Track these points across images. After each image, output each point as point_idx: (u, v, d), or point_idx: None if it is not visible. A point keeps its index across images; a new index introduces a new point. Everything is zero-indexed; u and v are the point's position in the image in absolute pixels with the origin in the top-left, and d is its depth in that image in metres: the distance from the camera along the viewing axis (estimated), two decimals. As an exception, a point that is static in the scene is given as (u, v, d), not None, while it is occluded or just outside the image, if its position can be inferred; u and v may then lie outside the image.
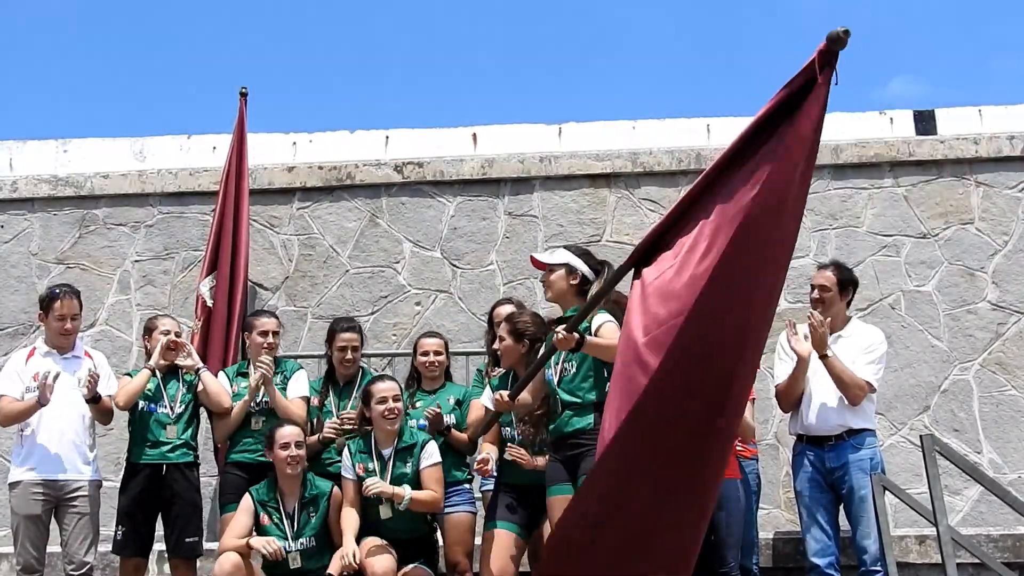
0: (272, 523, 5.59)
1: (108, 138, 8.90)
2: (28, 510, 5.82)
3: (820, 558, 5.67)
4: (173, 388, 6.07)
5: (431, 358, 6.09)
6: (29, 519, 5.82)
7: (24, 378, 5.96)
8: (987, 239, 8.24)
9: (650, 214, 8.41)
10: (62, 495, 5.87)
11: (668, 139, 8.66)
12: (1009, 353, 8.08)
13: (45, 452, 5.85)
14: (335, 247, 8.46)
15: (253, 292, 8.37)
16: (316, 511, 5.63)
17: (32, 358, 6.04)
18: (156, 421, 5.98)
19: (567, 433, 5.02)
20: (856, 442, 5.68)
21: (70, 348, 6.10)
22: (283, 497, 5.64)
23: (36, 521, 5.83)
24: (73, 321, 6.07)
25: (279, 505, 5.62)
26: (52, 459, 5.85)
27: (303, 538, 5.58)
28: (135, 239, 8.55)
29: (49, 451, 5.85)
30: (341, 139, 8.83)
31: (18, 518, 5.84)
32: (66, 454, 5.88)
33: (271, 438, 5.67)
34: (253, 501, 5.64)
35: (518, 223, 8.48)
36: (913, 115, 8.66)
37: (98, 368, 6.05)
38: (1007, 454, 7.95)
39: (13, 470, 5.94)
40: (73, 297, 6.09)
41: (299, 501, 5.64)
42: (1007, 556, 6.40)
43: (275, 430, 5.69)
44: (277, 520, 5.58)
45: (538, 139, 8.70)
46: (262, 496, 5.65)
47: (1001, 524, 7.22)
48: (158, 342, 6.09)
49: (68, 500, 5.88)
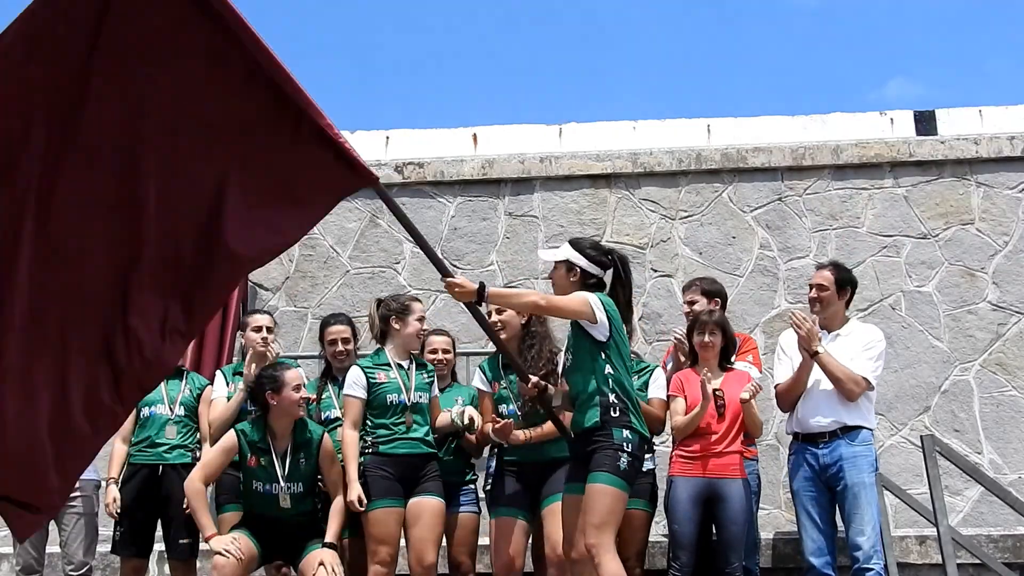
0: (260, 465, 5.48)
1: (108, 138, 8.90)
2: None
3: (816, 558, 5.66)
4: (175, 389, 6.03)
5: (439, 356, 6.04)
6: None
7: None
8: (987, 239, 8.24)
9: (650, 214, 8.42)
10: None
11: (668, 139, 8.66)
12: (1009, 353, 8.08)
13: None
14: (335, 247, 8.46)
15: (253, 292, 8.37)
16: (307, 458, 5.54)
17: None
18: (155, 421, 5.97)
19: (580, 432, 4.94)
20: (850, 439, 5.67)
21: None
22: (274, 440, 5.53)
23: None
24: None
25: (269, 447, 5.51)
26: None
27: (292, 482, 5.50)
28: (135, 239, 8.54)
29: None
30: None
31: None
32: None
33: (278, 380, 5.51)
34: (240, 442, 5.52)
35: (518, 223, 8.48)
36: (913, 115, 8.66)
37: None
38: (1007, 454, 7.95)
39: None
40: None
41: (291, 444, 5.54)
42: (1007, 556, 6.40)
43: (282, 372, 5.54)
44: (266, 462, 5.48)
45: (538, 139, 8.70)
46: (251, 437, 5.53)
47: (1001, 524, 7.23)
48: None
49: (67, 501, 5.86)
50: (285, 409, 5.51)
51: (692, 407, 5.63)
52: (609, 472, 4.70)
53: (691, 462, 5.60)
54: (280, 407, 5.50)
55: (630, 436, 4.77)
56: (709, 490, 5.58)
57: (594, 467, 4.73)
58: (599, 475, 4.72)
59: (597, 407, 4.81)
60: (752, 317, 8.19)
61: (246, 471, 5.52)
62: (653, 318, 8.24)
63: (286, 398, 5.49)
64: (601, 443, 4.74)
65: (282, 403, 5.49)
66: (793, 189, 8.41)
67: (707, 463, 5.58)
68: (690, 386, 5.70)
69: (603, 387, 4.81)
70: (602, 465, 4.71)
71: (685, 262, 8.28)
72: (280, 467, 5.50)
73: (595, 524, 4.68)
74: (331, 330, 6.05)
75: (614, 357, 4.86)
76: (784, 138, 8.59)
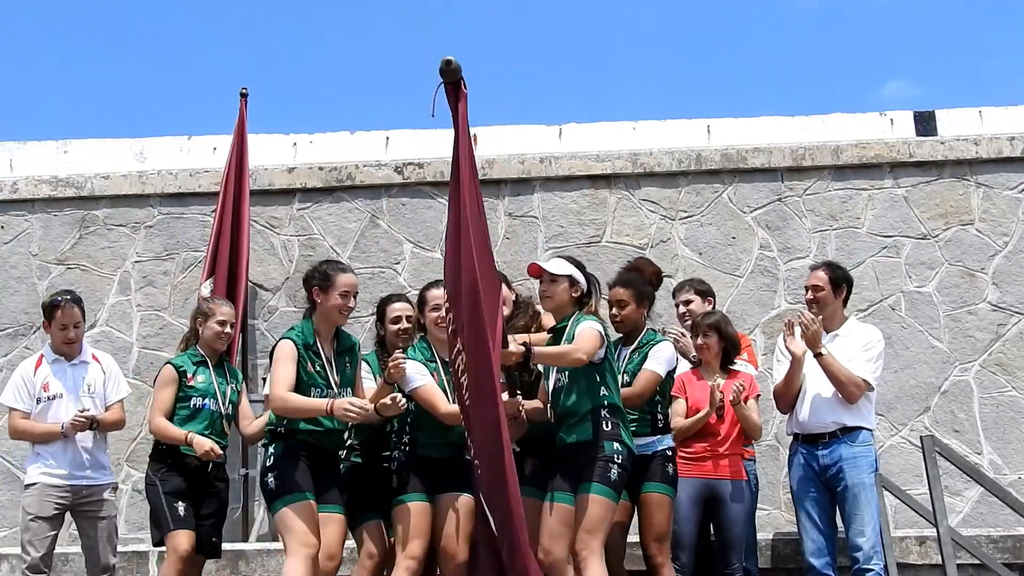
0: (315, 370, 5.30)
1: (108, 139, 8.91)
2: (40, 511, 5.84)
3: (816, 558, 5.67)
4: (223, 385, 5.87)
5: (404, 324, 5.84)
6: (40, 520, 5.84)
7: (33, 389, 5.96)
8: (987, 240, 8.24)
9: (650, 215, 8.42)
10: (78, 499, 5.90)
11: (668, 140, 8.66)
12: (1009, 354, 8.09)
13: (62, 455, 5.87)
14: (335, 248, 8.46)
15: (253, 292, 8.38)
16: (352, 363, 5.45)
17: (40, 367, 6.03)
18: (209, 417, 5.78)
19: (567, 445, 5.05)
20: (850, 439, 5.67)
21: (76, 354, 6.09)
22: (322, 344, 5.37)
23: (47, 523, 5.85)
24: (76, 329, 6.03)
25: (320, 350, 5.34)
26: (69, 463, 5.87)
27: (343, 388, 5.34)
28: (135, 240, 8.55)
29: (66, 454, 5.88)
30: (341, 140, 8.83)
31: (29, 518, 5.87)
32: (82, 458, 5.90)
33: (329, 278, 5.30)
34: (297, 349, 5.28)
35: (518, 224, 8.48)
36: (913, 116, 8.66)
37: (106, 371, 6.10)
38: (1007, 455, 7.96)
39: (30, 471, 5.95)
40: (75, 305, 6.03)
41: (335, 350, 5.41)
42: (1007, 557, 6.39)
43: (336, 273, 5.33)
44: (319, 367, 5.31)
45: (538, 140, 8.70)
46: (306, 339, 5.33)
47: (1001, 525, 7.22)
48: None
49: (85, 504, 5.92)
50: (326, 312, 5.32)
51: (693, 408, 5.64)
52: (600, 483, 4.91)
53: (692, 463, 5.61)
54: (323, 307, 5.31)
55: (620, 448, 4.98)
56: (710, 491, 5.58)
57: (585, 477, 4.91)
58: (591, 485, 4.90)
59: (589, 423, 4.99)
60: (752, 317, 8.19)
61: (301, 381, 5.25)
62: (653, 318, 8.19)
63: (331, 299, 5.30)
64: (592, 455, 4.93)
65: (326, 303, 5.30)
66: (793, 189, 8.41)
67: (708, 464, 5.58)
68: (692, 387, 5.71)
69: (598, 406, 5.01)
70: (593, 475, 4.90)
71: (685, 262, 8.28)
72: (330, 370, 5.35)
73: (587, 530, 4.87)
74: (396, 307, 5.72)
75: (608, 377, 5.09)
76: (784, 138, 8.59)
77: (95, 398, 6.02)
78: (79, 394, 5.97)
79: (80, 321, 6.07)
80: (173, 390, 5.73)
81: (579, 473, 4.95)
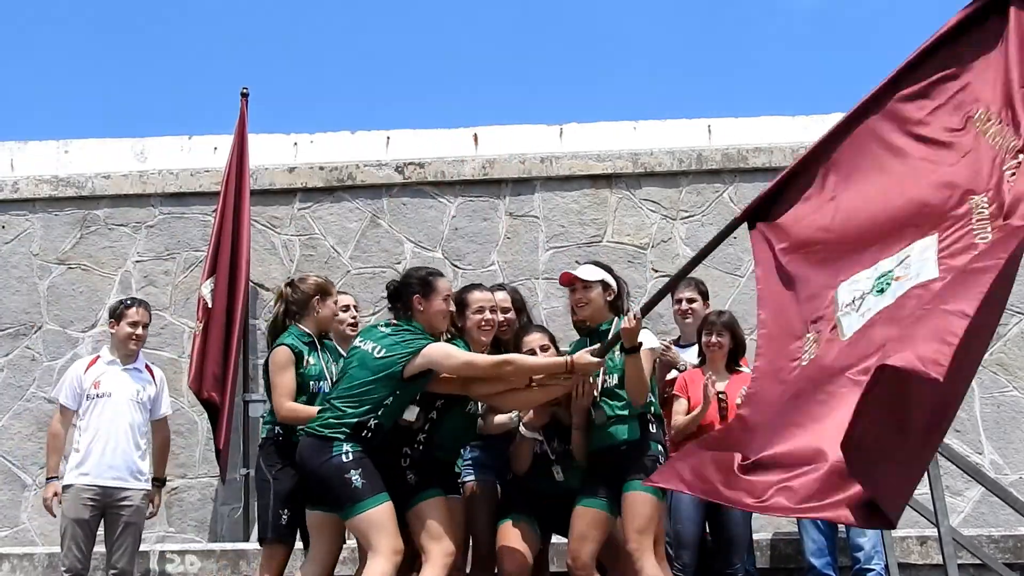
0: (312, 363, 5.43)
1: (109, 138, 8.91)
2: (77, 514, 5.93)
3: (817, 558, 5.67)
4: (330, 364, 5.49)
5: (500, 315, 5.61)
6: (77, 523, 5.93)
7: (82, 387, 6.07)
8: (988, 240, 8.23)
9: (651, 214, 8.42)
10: (111, 502, 5.98)
11: (669, 139, 8.66)
12: (1010, 354, 8.08)
13: (99, 459, 5.97)
14: (336, 248, 8.46)
15: (254, 292, 8.38)
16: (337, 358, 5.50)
17: (94, 366, 6.17)
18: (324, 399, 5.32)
19: (610, 445, 5.00)
20: (851, 439, 5.67)
21: (134, 359, 6.23)
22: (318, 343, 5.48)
23: (84, 525, 5.95)
24: (144, 329, 6.24)
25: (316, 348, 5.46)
26: (105, 466, 5.97)
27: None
28: (136, 239, 8.56)
29: (103, 458, 5.97)
30: (342, 140, 8.83)
31: (67, 521, 5.95)
32: (119, 463, 5.99)
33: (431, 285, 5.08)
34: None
35: (519, 224, 8.48)
36: (914, 116, 8.64)
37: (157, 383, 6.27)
38: (1008, 455, 7.95)
39: (68, 473, 6.04)
40: (146, 308, 6.30)
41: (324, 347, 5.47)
42: (1008, 557, 6.39)
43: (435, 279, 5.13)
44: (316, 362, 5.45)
45: (539, 140, 8.70)
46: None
47: (1002, 525, 7.22)
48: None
49: (117, 507, 6.00)
50: (430, 318, 5.08)
51: (695, 408, 5.64)
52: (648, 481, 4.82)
53: (692, 463, 5.60)
54: (427, 313, 5.07)
55: (663, 450, 5.06)
56: (710, 491, 5.57)
57: (632, 475, 4.89)
58: (639, 483, 4.85)
59: (637, 422, 5.02)
60: (752, 317, 8.13)
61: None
62: (654, 318, 8.21)
63: (434, 305, 5.09)
64: (639, 454, 4.96)
65: (429, 310, 5.08)
66: (794, 189, 8.39)
67: (709, 464, 5.57)
68: (694, 386, 5.71)
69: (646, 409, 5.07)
70: (641, 472, 4.85)
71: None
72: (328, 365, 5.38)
73: (637, 529, 4.86)
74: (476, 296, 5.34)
75: (652, 382, 5.15)
76: (784, 138, 8.57)
77: (142, 405, 6.15)
78: (128, 397, 6.10)
79: (148, 323, 6.30)
80: (293, 372, 5.31)
81: (624, 472, 4.93)
